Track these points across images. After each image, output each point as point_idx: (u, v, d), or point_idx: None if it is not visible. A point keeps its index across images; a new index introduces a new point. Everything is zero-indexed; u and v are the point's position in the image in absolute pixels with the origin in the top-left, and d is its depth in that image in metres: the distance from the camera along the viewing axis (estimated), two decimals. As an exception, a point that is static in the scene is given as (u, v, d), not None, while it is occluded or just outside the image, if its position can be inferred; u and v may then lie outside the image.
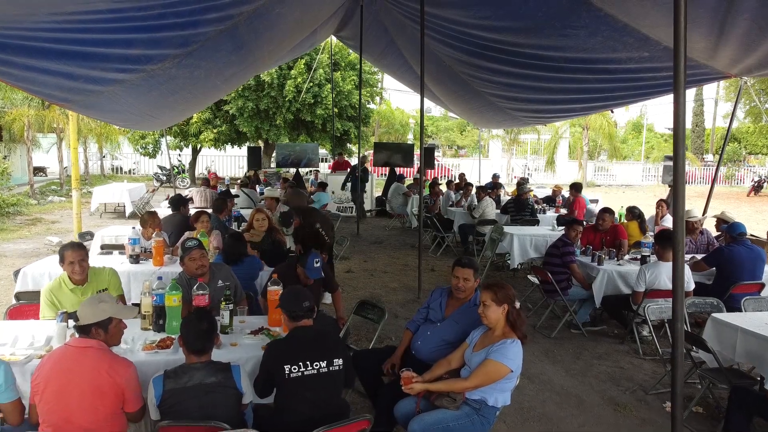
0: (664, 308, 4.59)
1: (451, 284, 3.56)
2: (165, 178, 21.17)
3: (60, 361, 2.54)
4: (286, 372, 2.73)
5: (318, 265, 4.03)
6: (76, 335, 2.67)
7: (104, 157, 25.73)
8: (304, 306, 2.90)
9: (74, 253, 3.62)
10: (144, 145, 21.34)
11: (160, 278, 3.46)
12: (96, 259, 5.27)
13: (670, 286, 5.05)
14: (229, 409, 2.68)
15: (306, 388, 2.77)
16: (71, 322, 3.05)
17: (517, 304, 3.07)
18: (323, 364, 2.80)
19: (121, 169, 27.14)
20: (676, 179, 2.98)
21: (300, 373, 2.75)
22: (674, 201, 2.95)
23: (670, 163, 9.91)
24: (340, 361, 2.85)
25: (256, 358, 3.08)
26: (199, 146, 21.33)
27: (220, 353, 3.05)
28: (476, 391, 2.97)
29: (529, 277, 7.01)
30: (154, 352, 3.05)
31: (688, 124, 42.62)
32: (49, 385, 2.49)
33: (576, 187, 10.12)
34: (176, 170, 21.26)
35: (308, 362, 2.77)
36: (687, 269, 5.15)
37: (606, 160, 32.95)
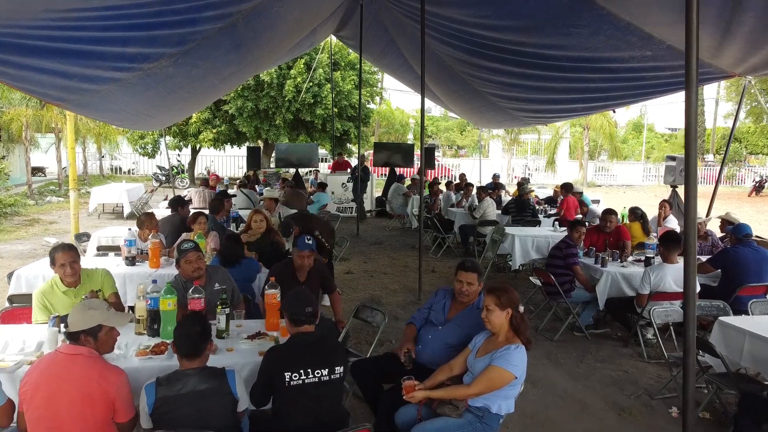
0: (670, 311, 4.50)
1: (455, 288, 3.47)
2: (164, 178, 21.09)
3: (49, 368, 2.46)
4: (287, 379, 2.65)
5: (310, 242, 4.18)
6: (67, 342, 2.58)
7: (103, 157, 25.63)
8: (306, 311, 2.82)
9: (65, 255, 3.53)
10: (143, 145, 21.24)
11: (154, 281, 3.38)
12: (91, 261, 5.19)
13: (675, 289, 4.98)
14: (224, 417, 2.60)
15: (306, 396, 2.69)
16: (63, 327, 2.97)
17: (521, 308, 2.99)
18: (325, 371, 2.72)
19: (120, 169, 27.05)
20: (688, 180, 2.89)
21: (301, 381, 2.67)
22: (686, 203, 2.86)
23: (672, 163, 9.87)
24: (341, 369, 2.78)
25: (253, 364, 2.99)
26: (198, 146, 21.25)
27: (215, 359, 2.97)
28: (479, 398, 2.89)
29: (531, 278, 6.93)
30: (148, 358, 2.96)
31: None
32: (37, 393, 2.40)
33: (566, 187, 10.11)
34: (175, 170, 21.16)
35: (309, 369, 2.69)
36: (692, 271, 5.07)
37: (606, 160, 32.87)
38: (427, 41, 6.93)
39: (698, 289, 5.04)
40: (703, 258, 5.84)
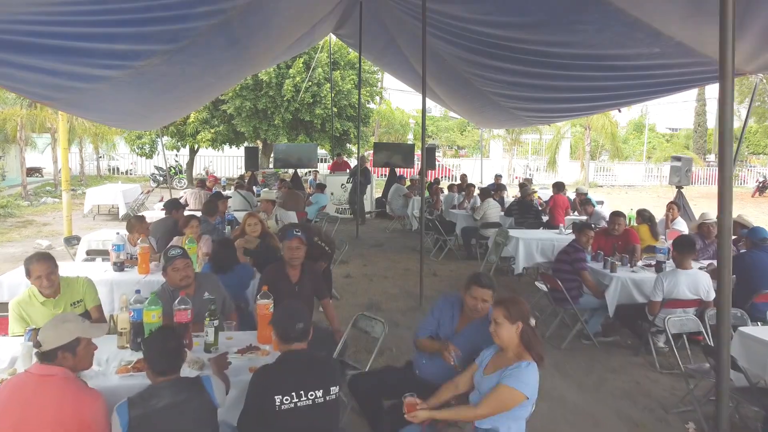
0: (685, 320, 4.30)
1: (466, 303, 3.21)
2: (162, 178, 20.86)
3: (17, 391, 2.24)
4: (277, 404, 2.42)
5: (298, 232, 4.07)
6: (38, 362, 2.36)
7: (101, 157, 25.39)
8: (297, 328, 2.60)
9: (41, 267, 3.28)
10: (140, 146, 21.00)
11: (138, 291, 3.16)
12: (78, 267, 4.97)
13: (689, 296, 4.78)
14: (205, 427, 2.41)
15: (299, 421, 2.46)
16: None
17: (533, 321, 2.78)
18: (319, 393, 2.49)
19: (117, 169, 26.82)
20: (722, 184, 2.67)
21: (293, 405, 2.44)
22: (719, 208, 2.68)
23: (678, 164, 9.69)
24: (337, 389, 2.56)
25: (243, 381, 2.77)
26: (196, 146, 21.02)
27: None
28: (487, 419, 2.67)
29: (537, 283, 6.72)
30: (130, 375, 2.74)
31: (690, 124, 42.40)
32: (4, 419, 2.18)
33: (557, 186, 10.03)
34: (173, 171, 20.93)
35: (302, 392, 2.46)
36: (707, 277, 4.87)
37: (608, 161, 32.65)
38: (428, 39, 6.73)
39: (713, 296, 4.83)
40: (715, 262, 5.63)
